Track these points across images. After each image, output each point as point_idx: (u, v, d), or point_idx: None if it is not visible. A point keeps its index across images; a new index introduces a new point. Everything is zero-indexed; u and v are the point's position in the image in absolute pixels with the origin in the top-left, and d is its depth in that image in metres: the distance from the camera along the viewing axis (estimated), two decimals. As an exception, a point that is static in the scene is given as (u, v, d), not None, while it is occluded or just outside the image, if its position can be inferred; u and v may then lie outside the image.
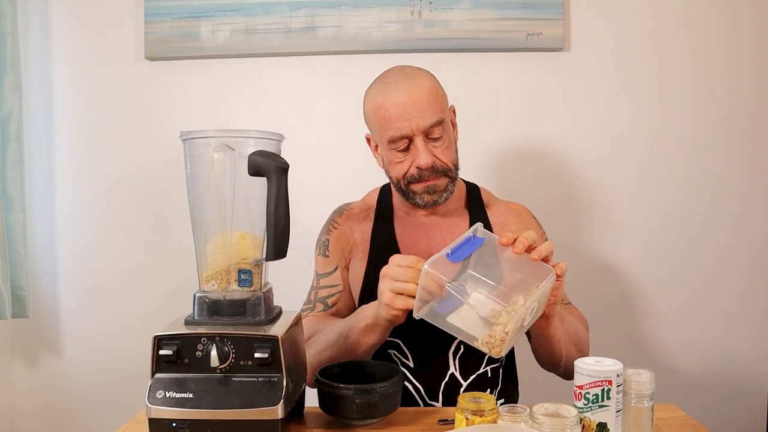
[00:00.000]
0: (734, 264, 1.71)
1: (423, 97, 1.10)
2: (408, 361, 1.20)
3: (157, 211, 1.73)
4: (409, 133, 1.10)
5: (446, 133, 1.14)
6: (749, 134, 1.69)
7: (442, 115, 1.12)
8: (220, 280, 0.93)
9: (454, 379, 1.18)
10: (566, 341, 1.11)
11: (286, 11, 1.67)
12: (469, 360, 1.19)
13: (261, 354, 0.87)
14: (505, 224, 1.25)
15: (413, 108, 1.09)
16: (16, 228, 1.63)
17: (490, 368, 1.20)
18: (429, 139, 1.12)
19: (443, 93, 1.17)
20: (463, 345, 1.18)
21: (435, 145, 1.13)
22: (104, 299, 1.75)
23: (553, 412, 0.83)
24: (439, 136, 1.13)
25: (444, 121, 1.13)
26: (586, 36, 1.69)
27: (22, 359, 1.78)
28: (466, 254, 0.95)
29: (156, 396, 0.87)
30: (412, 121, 1.10)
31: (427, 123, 1.10)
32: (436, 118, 1.11)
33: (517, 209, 1.29)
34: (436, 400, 1.18)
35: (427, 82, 1.14)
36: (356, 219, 1.28)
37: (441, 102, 1.14)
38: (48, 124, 1.74)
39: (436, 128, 1.12)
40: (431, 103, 1.11)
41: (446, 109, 1.17)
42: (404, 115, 1.10)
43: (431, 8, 1.66)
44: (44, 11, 1.73)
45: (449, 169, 1.16)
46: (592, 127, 1.70)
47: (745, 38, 1.68)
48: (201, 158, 0.94)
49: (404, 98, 1.10)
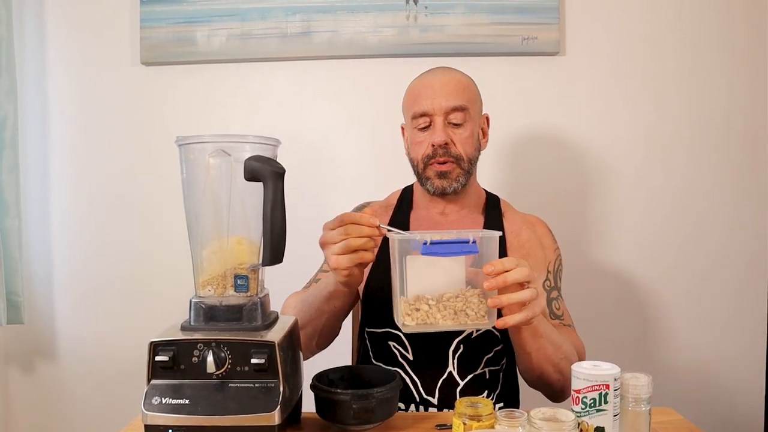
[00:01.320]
0: (730, 266, 1.71)
1: (452, 84, 1.19)
2: (407, 353, 1.21)
3: (152, 217, 1.73)
4: (431, 110, 1.18)
5: (468, 125, 1.19)
6: (743, 137, 1.70)
7: (466, 104, 1.18)
8: (217, 285, 0.93)
9: (451, 378, 1.19)
10: (541, 358, 1.07)
11: (282, 16, 1.67)
12: (468, 360, 1.19)
13: (258, 360, 0.86)
14: (518, 233, 1.26)
15: (440, 90, 1.18)
16: (12, 233, 1.62)
17: (489, 370, 1.20)
18: (449, 124, 1.19)
19: (476, 93, 1.24)
20: (464, 344, 1.18)
21: (454, 130, 1.19)
22: (100, 305, 1.74)
23: (550, 417, 0.83)
24: (459, 122, 1.18)
25: (467, 110, 1.18)
26: (581, 40, 1.70)
27: (17, 365, 1.77)
28: (447, 254, 0.92)
29: (152, 402, 0.86)
30: (436, 100, 1.17)
31: (449, 104, 1.17)
32: (458, 103, 1.17)
33: (531, 221, 1.30)
34: (432, 396, 1.19)
35: (462, 77, 1.22)
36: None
37: (469, 94, 1.20)
38: (43, 130, 1.74)
39: (458, 113, 1.18)
40: (458, 91, 1.18)
41: (474, 104, 1.21)
42: (431, 95, 1.18)
43: (427, 13, 1.66)
44: (39, 16, 1.72)
45: (462, 158, 1.19)
46: (588, 130, 1.71)
47: (739, 42, 1.69)
48: (197, 163, 0.94)
49: (435, 81, 1.20)
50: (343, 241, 0.96)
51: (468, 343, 1.19)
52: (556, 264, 1.25)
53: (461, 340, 1.18)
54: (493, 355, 1.19)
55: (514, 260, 0.94)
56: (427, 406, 1.19)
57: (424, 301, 0.95)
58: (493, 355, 1.20)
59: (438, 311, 0.95)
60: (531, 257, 1.24)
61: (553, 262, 1.25)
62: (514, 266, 0.92)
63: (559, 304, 1.22)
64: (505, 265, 0.92)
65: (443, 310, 0.95)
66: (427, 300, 0.95)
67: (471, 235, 0.93)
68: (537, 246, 1.25)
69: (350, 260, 0.96)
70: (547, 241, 1.27)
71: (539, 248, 1.25)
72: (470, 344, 1.19)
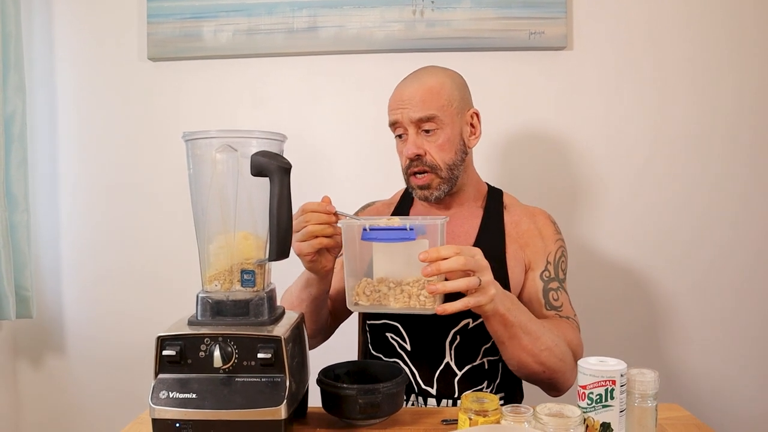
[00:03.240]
0: (737, 261, 1.70)
1: (419, 94, 1.18)
2: (405, 344, 1.21)
3: (160, 212, 1.74)
4: (401, 120, 1.19)
5: (442, 132, 1.19)
6: (750, 131, 1.69)
7: (435, 112, 1.18)
8: (223, 280, 0.94)
9: (449, 368, 1.19)
10: (516, 347, 1.06)
11: (289, 11, 1.67)
12: (465, 351, 1.19)
13: (264, 354, 0.87)
14: (518, 224, 1.26)
15: (408, 101, 1.19)
16: (20, 228, 1.63)
17: (487, 360, 1.20)
18: (422, 131, 1.19)
19: (451, 95, 1.20)
20: (460, 335, 1.19)
21: (427, 139, 1.19)
22: (108, 299, 1.75)
23: (556, 413, 0.83)
24: (430, 129, 1.18)
25: (436, 118, 1.18)
26: (588, 35, 1.69)
27: (26, 359, 1.78)
28: (385, 239, 0.99)
29: (159, 396, 0.87)
30: (405, 111, 1.19)
31: (416, 115, 1.17)
32: (426, 113, 1.17)
33: (533, 212, 1.30)
34: (430, 387, 1.19)
35: (433, 80, 1.20)
36: (377, 213, 1.34)
37: (439, 101, 1.19)
38: (51, 125, 1.75)
39: (427, 123, 1.18)
40: (425, 101, 1.18)
41: (447, 108, 1.19)
42: (400, 105, 1.20)
43: (433, 8, 1.65)
44: (47, 12, 1.73)
45: (438, 167, 1.19)
46: (595, 125, 1.70)
47: (747, 36, 1.68)
48: (204, 159, 0.94)
49: (405, 91, 1.20)
50: (304, 228, 1.02)
51: (465, 334, 1.19)
52: (556, 255, 1.24)
53: (457, 331, 1.19)
54: (490, 346, 1.19)
55: (454, 248, 0.95)
56: (426, 397, 1.20)
57: (385, 284, 1.01)
58: (491, 345, 1.18)
59: (392, 294, 1.00)
60: (530, 247, 1.24)
61: (553, 253, 1.24)
62: (452, 254, 0.94)
63: (558, 295, 1.21)
64: (440, 252, 0.94)
65: (399, 294, 1.00)
66: (388, 283, 1.00)
67: (408, 223, 0.98)
68: (536, 236, 1.25)
69: (311, 246, 1.03)
70: (547, 232, 1.26)
71: (538, 238, 1.25)
72: (467, 335, 1.19)
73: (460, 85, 1.24)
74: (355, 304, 1.03)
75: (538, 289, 1.21)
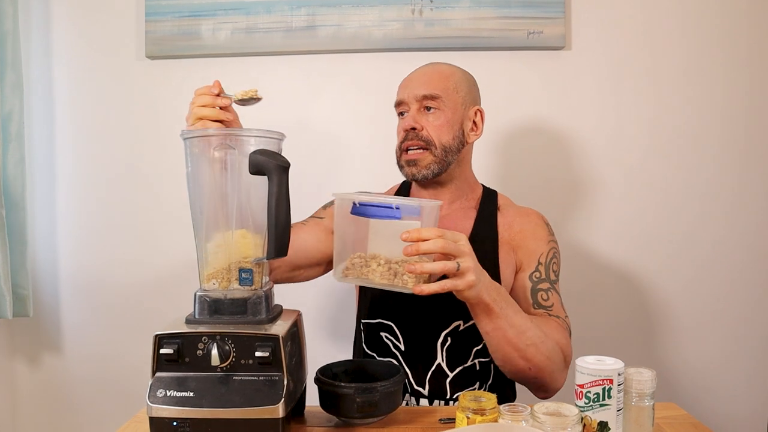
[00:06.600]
0: (734, 260, 1.71)
1: (429, 74, 1.23)
2: (399, 343, 1.22)
3: (158, 210, 1.73)
4: (406, 98, 1.23)
5: (443, 113, 1.21)
6: (745, 131, 1.70)
7: (440, 92, 1.21)
8: (221, 278, 0.93)
9: (440, 369, 1.19)
10: (500, 339, 1.05)
11: (287, 10, 1.67)
12: (456, 352, 1.19)
13: (262, 353, 0.87)
14: (510, 225, 1.26)
15: (417, 80, 1.23)
16: (17, 227, 1.63)
17: (479, 362, 1.20)
18: (424, 109, 1.22)
19: (460, 84, 1.24)
20: (451, 337, 1.19)
21: (428, 116, 1.22)
22: (105, 298, 1.75)
23: (554, 411, 0.83)
24: (431, 107, 1.21)
25: (440, 98, 1.20)
26: (586, 34, 1.69)
27: (23, 358, 1.78)
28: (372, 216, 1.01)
29: (157, 395, 0.87)
30: (410, 89, 1.23)
31: (421, 92, 1.21)
32: (430, 91, 1.21)
33: (527, 213, 1.30)
34: (422, 387, 1.20)
35: (444, 67, 1.25)
36: None
37: (447, 84, 1.22)
38: (49, 123, 1.74)
39: (430, 101, 1.21)
40: (434, 80, 1.22)
41: (453, 93, 1.22)
42: (408, 85, 1.24)
43: (432, 7, 1.65)
44: (45, 10, 1.73)
45: (433, 143, 1.20)
46: (593, 125, 1.70)
47: (743, 37, 1.68)
48: (202, 157, 0.94)
49: (417, 73, 1.26)
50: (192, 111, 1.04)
51: (456, 335, 1.19)
52: (548, 256, 1.23)
53: (448, 333, 1.19)
54: (482, 347, 1.18)
55: (436, 231, 0.95)
56: (418, 398, 1.20)
57: (376, 260, 1.02)
58: (482, 347, 1.18)
59: (379, 270, 1.01)
60: (521, 248, 1.23)
61: (545, 254, 1.23)
62: (434, 236, 0.94)
63: (548, 295, 1.20)
64: (422, 233, 0.95)
65: (386, 271, 1.00)
66: (378, 259, 1.02)
67: (395, 202, 1.00)
68: (529, 237, 1.24)
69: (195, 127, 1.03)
70: (540, 233, 1.26)
71: (531, 239, 1.24)
72: (458, 337, 1.19)
73: (470, 81, 1.27)
74: (345, 276, 1.04)
75: (526, 288, 1.20)
